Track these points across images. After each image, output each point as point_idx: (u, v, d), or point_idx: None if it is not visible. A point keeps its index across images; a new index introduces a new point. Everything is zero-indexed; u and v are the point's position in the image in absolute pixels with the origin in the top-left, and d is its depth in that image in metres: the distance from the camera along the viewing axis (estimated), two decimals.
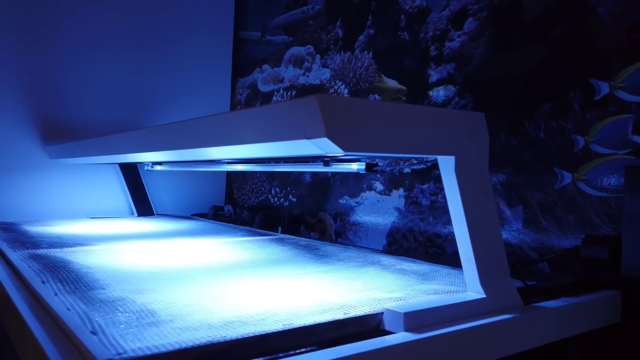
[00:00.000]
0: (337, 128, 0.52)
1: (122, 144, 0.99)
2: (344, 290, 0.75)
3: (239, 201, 2.18)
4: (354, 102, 0.54)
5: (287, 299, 0.69)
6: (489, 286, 0.69)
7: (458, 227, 0.68)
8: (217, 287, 0.75)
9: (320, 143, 0.53)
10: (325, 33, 1.75)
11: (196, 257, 1.02)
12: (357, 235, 1.60)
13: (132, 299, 0.66)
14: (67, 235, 1.28)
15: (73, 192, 1.81)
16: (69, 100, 1.78)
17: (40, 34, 1.71)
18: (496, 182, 1.21)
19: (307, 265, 0.98)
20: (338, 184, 1.67)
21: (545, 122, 1.12)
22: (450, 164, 0.65)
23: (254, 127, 0.59)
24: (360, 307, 0.65)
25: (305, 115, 0.52)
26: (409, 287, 0.79)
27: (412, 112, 0.59)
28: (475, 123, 0.67)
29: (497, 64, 1.22)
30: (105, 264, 0.92)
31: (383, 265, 0.99)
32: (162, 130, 0.80)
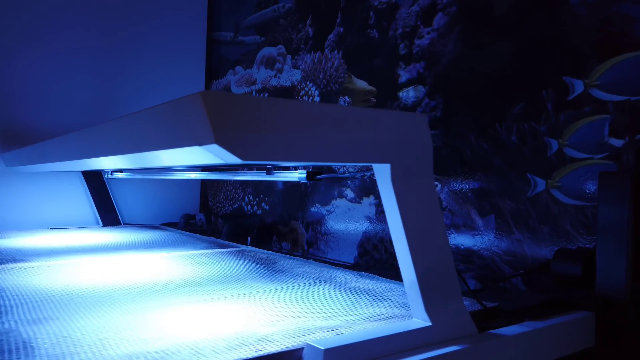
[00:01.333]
0: (229, 132, 0.43)
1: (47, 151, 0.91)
2: (277, 316, 0.66)
3: (214, 209, 2.09)
4: (252, 100, 0.45)
5: (203, 329, 0.60)
6: (436, 312, 0.60)
7: (398, 245, 0.60)
8: (132, 314, 0.66)
9: (213, 150, 0.44)
10: (295, 32, 1.67)
11: (135, 275, 0.93)
12: (329, 245, 1.51)
13: (20, 331, 0.57)
14: (7, 249, 1.19)
15: (34, 202, 1.72)
16: (28, 105, 1.69)
17: None
18: (467, 190, 1.12)
19: (253, 284, 0.89)
20: (310, 191, 1.59)
21: (517, 124, 1.03)
22: (386, 173, 0.56)
23: (139, 134, 0.50)
24: (282, 340, 0.56)
25: (194, 117, 0.44)
26: (353, 311, 0.70)
27: (333, 113, 0.50)
28: (416, 125, 0.58)
29: (467, 62, 1.13)
30: (27, 284, 0.83)
31: (336, 282, 0.90)
32: (64, 140, 0.72)
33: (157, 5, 1.97)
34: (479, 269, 1.09)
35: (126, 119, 0.55)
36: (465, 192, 1.12)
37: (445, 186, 1.17)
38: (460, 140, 1.14)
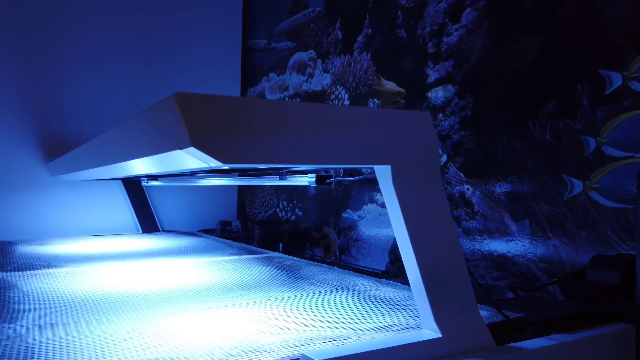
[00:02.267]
0: (207, 135, 0.42)
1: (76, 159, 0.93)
2: (285, 325, 0.64)
3: (251, 215, 2.10)
4: (230, 101, 0.43)
5: (205, 337, 0.59)
6: (446, 323, 0.56)
7: (403, 250, 0.56)
8: (141, 321, 0.66)
9: (193, 153, 0.43)
10: (325, 36, 1.66)
11: (158, 282, 0.94)
12: (360, 252, 1.47)
13: (28, 336, 0.58)
14: (47, 256, 1.24)
15: (77, 210, 1.79)
16: (71, 116, 1.76)
17: (39, 49, 1.70)
18: (500, 193, 1.06)
19: (271, 291, 0.87)
20: (341, 196, 1.56)
21: (551, 122, 0.96)
22: (387, 175, 0.53)
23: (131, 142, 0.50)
24: (280, 350, 0.54)
25: (172, 121, 0.43)
26: (365, 320, 0.67)
27: (320, 113, 0.48)
28: (418, 125, 0.55)
29: (497, 59, 1.08)
30: (51, 289, 0.85)
31: (355, 290, 0.87)
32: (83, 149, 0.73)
33: (194, 16, 2.01)
34: (513, 277, 1.02)
35: (120, 127, 0.55)
36: (498, 195, 1.06)
37: (477, 189, 1.11)
38: (491, 140, 1.08)
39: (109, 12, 1.82)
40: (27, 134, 1.69)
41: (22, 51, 1.67)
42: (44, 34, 1.70)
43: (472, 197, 1.12)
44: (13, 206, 1.67)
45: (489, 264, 1.07)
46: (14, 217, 1.68)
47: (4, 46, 1.64)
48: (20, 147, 1.68)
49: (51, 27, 1.71)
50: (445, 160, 1.19)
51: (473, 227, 1.12)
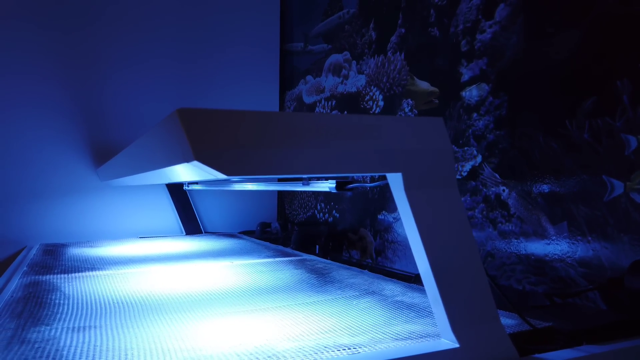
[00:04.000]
0: (209, 148, 0.43)
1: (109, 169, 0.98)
2: (304, 331, 0.65)
3: (290, 217, 2.12)
4: (232, 115, 0.44)
5: (224, 342, 0.60)
6: (464, 332, 0.55)
7: (419, 259, 0.55)
8: (168, 325, 0.69)
9: (199, 166, 0.44)
10: (359, 37, 1.65)
11: (191, 284, 0.97)
12: (396, 254, 1.46)
13: (60, 339, 0.62)
14: (93, 258, 1.30)
15: (125, 213, 1.87)
16: (117, 123, 1.84)
17: (88, 60, 1.79)
18: (537, 194, 1.02)
19: (298, 295, 0.88)
20: (376, 197, 1.55)
21: (589, 120, 0.92)
22: (398, 183, 0.53)
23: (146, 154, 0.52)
24: (295, 358, 0.54)
25: (176, 135, 0.44)
26: (386, 328, 0.66)
27: (324, 123, 0.48)
28: (430, 131, 0.54)
29: (532, 55, 1.03)
30: (91, 292, 0.89)
31: (382, 295, 0.86)
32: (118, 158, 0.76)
33: (233, 22, 2.06)
34: (551, 282, 0.98)
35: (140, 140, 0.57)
36: (535, 197, 1.02)
37: (513, 191, 1.07)
38: (527, 140, 1.04)
39: (151, 20, 1.89)
40: (78, 141, 1.78)
41: (72, 63, 1.76)
42: (92, 45, 1.79)
43: (507, 198, 1.09)
44: (66, 210, 1.77)
45: (525, 267, 1.04)
46: (66, 221, 1.77)
47: (55, 59, 1.73)
48: (72, 154, 1.78)
49: (98, 39, 1.80)
50: (480, 160, 1.16)
51: (509, 229, 1.08)
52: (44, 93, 1.73)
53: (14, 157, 1.69)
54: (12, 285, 0.95)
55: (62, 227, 1.77)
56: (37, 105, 1.72)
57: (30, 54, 1.70)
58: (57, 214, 1.76)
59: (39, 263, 1.22)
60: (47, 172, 1.74)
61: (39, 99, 1.72)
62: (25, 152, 1.71)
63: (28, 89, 1.70)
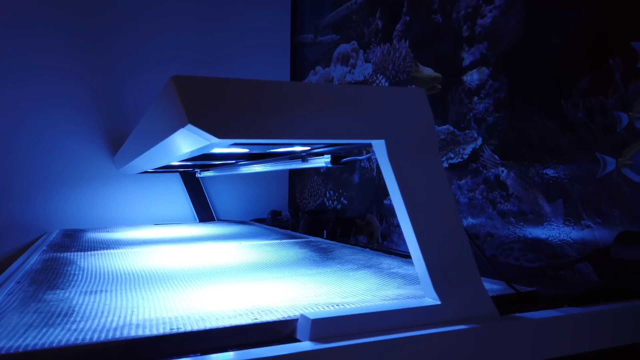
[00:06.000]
0: (202, 112, 0.47)
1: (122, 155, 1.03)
2: (299, 296, 0.69)
3: (301, 205, 2.17)
4: (222, 82, 0.48)
5: (222, 305, 0.64)
6: (445, 291, 0.59)
7: (403, 223, 0.59)
8: (171, 290, 0.74)
9: (194, 130, 0.49)
10: (366, 26, 1.68)
11: (199, 260, 1.02)
12: (401, 237, 1.49)
13: (72, 299, 0.67)
14: (110, 240, 1.37)
15: (140, 201, 1.94)
16: (133, 112, 1.91)
17: (104, 49, 1.86)
18: (534, 174, 1.04)
19: (299, 269, 0.92)
20: (382, 183, 1.58)
21: (584, 99, 0.94)
22: (382, 150, 0.56)
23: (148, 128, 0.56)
24: (284, 312, 0.58)
25: (173, 102, 0.48)
26: (377, 292, 0.70)
27: (310, 91, 0.52)
28: (412, 101, 0.57)
29: (530, 38, 1.06)
30: (104, 265, 0.95)
31: (379, 268, 0.90)
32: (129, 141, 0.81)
33: (244, 15, 2.10)
34: (547, 259, 1.01)
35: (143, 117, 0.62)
36: (532, 176, 1.05)
37: (512, 171, 1.10)
38: (525, 121, 1.06)
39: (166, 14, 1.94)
40: (94, 130, 1.85)
41: (87, 50, 1.83)
42: (108, 35, 1.86)
43: (506, 179, 1.11)
44: (84, 198, 1.84)
45: (523, 245, 1.06)
46: (85, 208, 1.85)
47: (70, 46, 1.80)
48: (89, 143, 1.85)
49: (115, 29, 1.86)
50: (480, 143, 1.18)
51: (508, 209, 1.10)
52: (65, 87, 1.80)
53: (36, 148, 1.76)
54: (32, 260, 1.01)
55: (81, 214, 1.84)
56: (58, 100, 1.79)
57: (52, 54, 1.77)
58: (76, 202, 1.83)
59: (58, 244, 1.29)
60: (67, 161, 1.81)
61: (61, 93, 1.79)
62: (46, 142, 1.78)
63: (50, 84, 1.78)
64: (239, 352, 0.48)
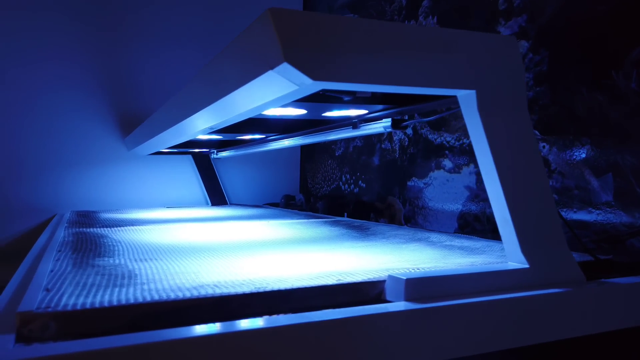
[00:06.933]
0: (299, 50, 0.43)
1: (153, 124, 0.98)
2: (363, 263, 0.65)
3: (313, 190, 2.13)
4: (322, 17, 0.44)
5: (288, 269, 0.61)
6: (534, 254, 0.55)
7: (488, 180, 0.55)
8: (226, 259, 0.70)
9: (285, 72, 0.45)
10: (388, 4, 1.64)
11: (234, 235, 0.98)
12: (427, 219, 1.46)
13: (128, 265, 0.63)
14: (130, 219, 1.32)
15: (151, 183, 1.89)
16: (145, 95, 1.85)
17: (113, 28, 1.80)
18: (580, 148, 1.01)
19: (344, 242, 0.89)
20: (406, 165, 1.55)
21: (637, 68, 0.91)
22: (471, 101, 0.53)
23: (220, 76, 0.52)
24: (364, 274, 0.55)
25: (264, 38, 0.44)
26: (444, 260, 0.67)
27: (409, 33, 0.48)
28: (504, 49, 0.54)
29: (574, 7, 1.03)
30: (138, 239, 0.91)
31: (429, 241, 0.86)
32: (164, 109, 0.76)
33: None
34: (595, 235, 0.98)
35: (209, 65, 0.58)
36: (578, 151, 1.02)
37: (554, 146, 1.07)
38: (570, 94, 1.03)
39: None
40: (104, 111, 1.80)
41: (96, 32, 1.77)
42: (117, 13, 1.80)
43: (548, 154, 1.08)
44: (93, 179, 1.79)
45: (569, 222, 1.03)
46: (94, 190, 1.79)
47: (79, 27, 1.74)
48: (99, 124, 1.79)
49: (124, 5, 1.80)
50: None
51: (550, 185, 1.08)
52: (76, 69, 1.74)
53: (47, 129, 1.71)
54: (60, 234, 0.96)
55: (91, 195, 1.78)
56: (69, 81, 1.73)
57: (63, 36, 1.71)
58: (86, 183, 1.78)
59: (78, 221, 1.24)
60: (78, 143, 1.76)
61: (71, 75, 1.74)
62: (56, 124, 1.72)
63: (60, 66, 1.72)
64: (338, 311, 0.45)
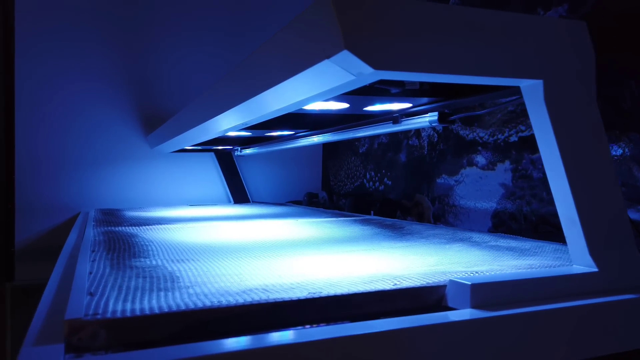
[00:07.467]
0: (362, 36, 0.40)
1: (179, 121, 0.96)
2: (411, 265, 0.62)
3: (335, 188, 2.09)
4: (388, 1, 0.41)
5: (334, 271, 0.58)
6: (603, 257, 0.51)
7: (554, 178, 0.52)
8: (265, 260, 0.67)
9: (343, 61, 0.41)
10: None
11: (266, 234, 0.95)
12: (458, 217, 1.42)
13: (167, 266, 0.60)
14: (155, 217, 1.30)
15: (174, 181, 1.87)
16: (169, 93, 1.84)
17: (139, 36, 1.78)
18: (627, 143, 0.97)
19: (382, 242, 0.85)
20: (435, 161, 1.51)
21: None
22: (538, 92, 0.49)
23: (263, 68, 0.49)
24: (420, 279, 0.51)
25: (322, 25, 0.41)
26: (497, 262, 0.63)
27: (475, 18, 0.44)
28: (573, 35, 0.50)
29: None
30: (170, 238, 0.88)
31: (473, 242, 0.82)
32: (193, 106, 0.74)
33: None
34: None
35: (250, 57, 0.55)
36: (625, 146, 0.97)
37: None
38: (616, 87, 0.99)
39: None
40: (127, 109, 1.78)
41: (120, 30, 1.75)
42: (142, 11, 1.78)
43: None
44: (116, 177, 1.78)
45: None
46: (117, 188, 1.78)
47: (104, 26, 1.73)
48: (122, 122, 1.78)
49: (149, 3, 1.79)
50: None
51: None
52: (99, 67, 1.73)
53: (70, 128, 1.70)
54: (89, 233, 0.94)
55: (113, 193, 1.77)
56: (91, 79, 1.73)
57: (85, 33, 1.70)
58: (109, 181, 1.76)
59: (104, 220, 1.22)
60: (101, 141, 1.75)
61: (95, 73, 1.73)
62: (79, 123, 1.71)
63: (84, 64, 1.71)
64: (402, 319, 0.41)
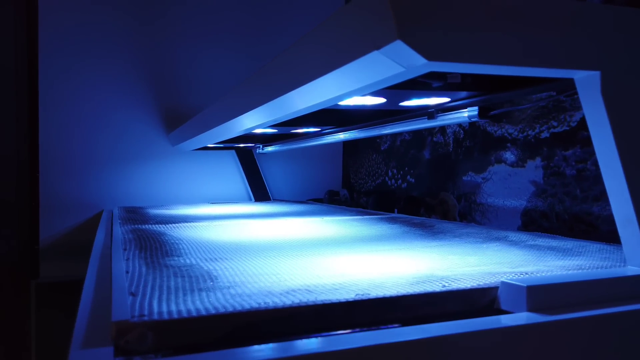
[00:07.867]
0: (415, 25, 0.38)
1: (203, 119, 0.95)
2: (451, 265, 0.60)
3: (356, 186, 2.08)
4: None
5: (374, 271, 0.56)
6: None
7: (609, 175, 0.49)
8: (300, 259, 0.65)
9: (394, 53, 0.39)
10: None
11: (295, 232, 0.94)
12: (485, 216, 1.39)
13: (202, 265, 0.59)
14: (179, 215, 1.29)
15: (195, 179, 1.87)
16: (191, 91, 1.83)
17: (162, 29, 1.78)
18: None
19: (414, 241, 0.83)
20: (461, 158, 1.48)
21: None
22: (594, 84, 0.47)
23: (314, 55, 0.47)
24: (468, 280, 0.49)
25: (372, 14, 0.39)
26: (543, 262, 0.61)
27: (531, 5, 0.42)
28: (632, 23, 0.47)
29: None
30: (199, 236, 0.87)
31: (510, 241, 0.80)
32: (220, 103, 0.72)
33: None
34: None
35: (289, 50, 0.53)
36: None
37: None
38: None
39: None
40: (149, 107, 1.79)
41: (143, 28, 1.76)
42: (165, 9, 1.78)
43: None
44: (138, 175, 1.78)
45: None
46: (138, 186, 1.78)
47: (127, 23, 1.73)
48: (144, 120, 1.78)
49: (171, 6, 1.78)
50: None
51: None
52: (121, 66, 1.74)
53: (92, 126, 1.71)
54: (117, 231, 0.94)
55: (135, 191, 1.78)
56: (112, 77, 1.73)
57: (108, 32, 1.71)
58: (131, 179, 1.77)
59: (129, 218, 1.22)
60: (122, 138, 1.75)
61: (115, 71, 1.73)
62: (101, 121, 1.72)
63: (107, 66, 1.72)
64: (458, 323, 0.39)
